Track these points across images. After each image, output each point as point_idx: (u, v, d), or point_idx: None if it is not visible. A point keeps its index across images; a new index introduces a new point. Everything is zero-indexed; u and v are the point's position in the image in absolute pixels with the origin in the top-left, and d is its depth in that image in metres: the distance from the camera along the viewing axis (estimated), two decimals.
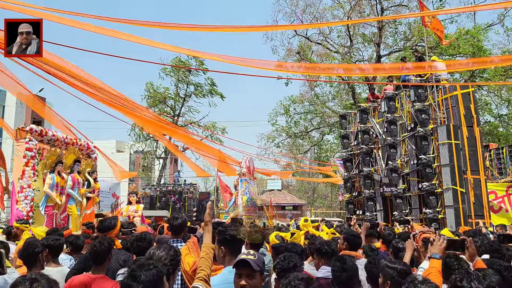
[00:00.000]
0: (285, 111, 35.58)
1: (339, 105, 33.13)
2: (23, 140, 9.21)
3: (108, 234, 4.70)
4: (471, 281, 2.27)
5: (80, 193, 10.85)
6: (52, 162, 10.06)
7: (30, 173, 9.20)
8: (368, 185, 16.23)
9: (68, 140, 10.69)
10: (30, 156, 9.23)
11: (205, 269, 2.70)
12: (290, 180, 57.38)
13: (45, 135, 9.85)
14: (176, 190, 28.03)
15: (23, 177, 9.09)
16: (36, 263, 3.78)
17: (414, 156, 14.06)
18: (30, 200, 9.13)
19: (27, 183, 9.11)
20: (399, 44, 29.83)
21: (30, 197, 9.11)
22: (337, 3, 29.98)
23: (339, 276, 3.16)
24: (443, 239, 3.37)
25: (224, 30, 8.56)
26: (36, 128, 9.58)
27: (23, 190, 9.03)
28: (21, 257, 3.91)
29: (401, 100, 15.09)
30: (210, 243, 2.95)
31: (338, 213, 33.03)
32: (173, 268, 2.69)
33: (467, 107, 13.11)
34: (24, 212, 8.84)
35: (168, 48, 8.79)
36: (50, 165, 10.02)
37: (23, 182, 9.07)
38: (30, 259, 3.78)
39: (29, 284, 2.10)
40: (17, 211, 8.82)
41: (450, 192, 12.37)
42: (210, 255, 2.81)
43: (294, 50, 31.33)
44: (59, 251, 4.33)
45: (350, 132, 18.31)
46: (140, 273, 2.34)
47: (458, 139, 12.77)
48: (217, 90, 35.61)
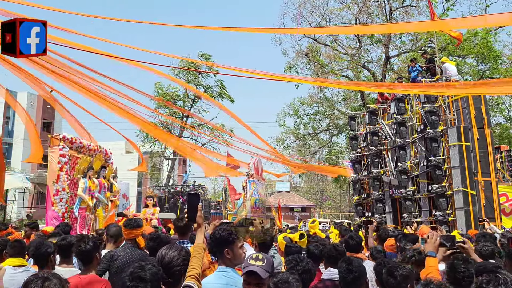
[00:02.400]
0: (294, 112, 35.53)
1: (348, 106, 33.02)
2: (57, 147, 10.09)
3: (134, 231, 4.76)
4: (498, 284, 2.23)
5: (105, 197, 11.77)
6: (84, 168, 11.09)
7: (64, 178, 10.01)
8: (377, 187, 16.13)
9: (91, 147, 11.54)
10: (63, 162, 10.06)
11: (197, 267, 2.72)
12: (298, 181, 57.38)
13: (74, 143, 10.71)
14: (185, 191, 28.13)
15: (58, 181, 9.88)
16: (48, 263, 3.81)
17: (424, 157, 13.95)
18: (65, 202, 9.95)
19: (62, 186, 9.92)
20: (408, 46, 29.64)
21: (65, 200, 9.94)
22: (345, 5, 29.88)
23: (345, 278, 3.15)
24: (436, 236, 3.36)
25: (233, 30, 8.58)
26: (67, 136, 10.45)
27: (59, 193, 9.85)
28: (33, 257, 3.94)
29: (410, 102, 15.00)
30: (202, 243, 2.95)
31: (347, 215, 32.89)
32: (185, 268, 2.72)
33: (477, 108, 12.97)
34: (60, 214, 9.69)
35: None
36: (82, 170, 11.02)
37: (58, 186, 9.86)
38: (42, 259, 3.80)
39: (41, 282, 2.12)
40: (53, 212, 9.68)
41: (460, 195, 12.25)
42: (202, 255, 2.82)
43: (303, 52, 31.29)
44: (70, 251, 4.34)
45: (359, 134, 18.24)
46: (144, 272, 2.36)
47: (469, 141, 12.64)
48: (227, 93, 35.70)
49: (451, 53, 26.48)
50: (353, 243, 4.94)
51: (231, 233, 3.02)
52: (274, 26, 31.86)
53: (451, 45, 25.24)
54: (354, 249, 4.88)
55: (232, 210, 21.47)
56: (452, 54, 26.58)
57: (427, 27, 15.72)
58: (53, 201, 9.79)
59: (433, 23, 13.90)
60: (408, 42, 29.67)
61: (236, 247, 3.01)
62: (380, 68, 29.61)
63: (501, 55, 26.98)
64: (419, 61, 16.69)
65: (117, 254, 4.39)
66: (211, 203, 31.70)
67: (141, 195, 41.42)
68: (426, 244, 3.40)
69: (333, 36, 30.50)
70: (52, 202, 9.78)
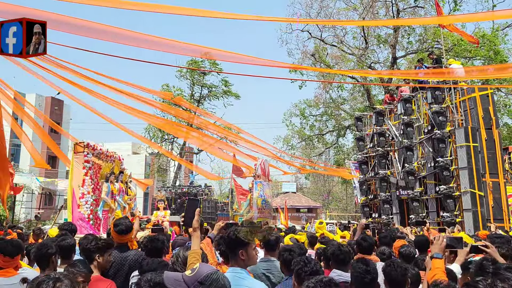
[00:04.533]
0: (300, 113, 35.46)
1: (354, 107, 32.92)
2: (81, 154, 10.93)
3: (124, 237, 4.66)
4: None
5: (123, 200, 12.75)
6: (107, 173, 11.90)
7: (89, 182, 10.78)
8: (384, 188, 16.08)
9: (108, 153, 12.31)
10: (88, 168, 10.85)
11: None
12: (304, 182, 57.27)
13: (95, 149, 11.46)
14: (191, 192, 28.17)
15: (84, 185, 10.63)
16: (49, 265, 3.80)
17: (431, 158, 13.88)
18: (90, 205, 10.66)
19: (87, 190, 10.66)
20: (414, 46, 29.50)
21: (89, 202, 10.66)
22: (351, 5, 29.83)
23: (363, 279, 3.08)
24: (442, 237, 3.33)
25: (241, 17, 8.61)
26: (91, 143, 11.24)
27: (84, 196, 10.58)
28: (34, 258, 3.93)
29: (417, 102, 14.94)
30: (198, 249, 2.93)
31: (353, 216, 32.76)
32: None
33: (485, 109, 12.89)
34: (85, 215, 10.39)
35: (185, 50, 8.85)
36: (105, 175, 11.81)
37: (84, 189, 10.61)
38: (43, 260, 3.79)
39: (52, 283, 2.14)
40: (79, 213, 10.36)
41: (468, 196, 12.18)
42: (199, 261, 2.77)
43: (309, 52, 31.25)
44: (71, 252, 4.31)
45: (366, 135, 18.19)
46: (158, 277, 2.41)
47: (477, 142, 12.57)
48: (231, 90, 35.72)
49: (458, 54, 26.32)
50: (366, 244, 4.87)
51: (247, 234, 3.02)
52: (280, 27, 31.87)
53: (458, 46, 25.10)
54: (367, 250, 4.83)
55: (239, 211, 21.47)
56: (459, 56, 26.42)
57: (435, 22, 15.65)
58: (79, 203, 10.49)
59: (441, 18, 13.91)
60: (415, 43, 29.55)
61: (251, 249, 3.00)
62: (387, 69, 29.49)
63: (508, 59, 26.73)
64: (426, 62, 16.63)
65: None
66: (217, 204, 31.72)
67: (147, 195, 41.56)
68: (432, 246, 3.37)
69: (340, 37, 30.45)
70: (78, 205, 10.48)
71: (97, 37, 7.11)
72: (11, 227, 9.68)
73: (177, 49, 8.01)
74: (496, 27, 27.15)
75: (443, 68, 14.41)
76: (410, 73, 14.31)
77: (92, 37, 6.92)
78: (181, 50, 8.33)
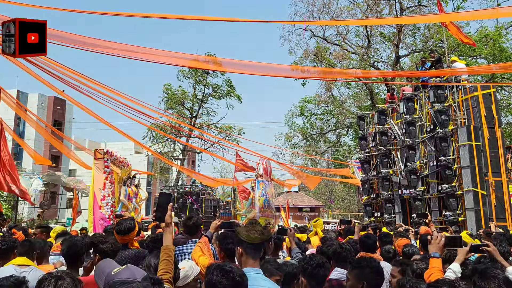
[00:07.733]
0: (301, 112, 35.45)
1: (356, 106, 32.87)
2: (101, 160, 11.92)
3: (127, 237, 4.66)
4: None
5: (136, 202, 13.91)
6: (125, 177, 12.96)
7: (109, 185, 11.75)
8: (386, 187, 16.06)
9: (121, 159, 13.26)
10: (108, 172, 11.83)
11: (169, 271, 2.68)
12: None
13: (112, 155, 12.43)
14: (194, 191, 28.18)
15: (105, 188, 11.54)
16: (78, 263, 3.87)
17: (434, 157, 13.85)
18: (110, 206, 11.58)
19: (107, 192, 11.58)
20: (418, 46, 29.43)
21: (110, 204, 11.57)
22: (354, 3, 29.76)
23: (375, 279, 3.01)
24: (440, 236, 3.30)
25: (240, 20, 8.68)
26: (109, 151, 12.39)
27: (105, 198, 11.47)
28: (64, 256, 4.00)
29: (420, 101, 14.91)
30: (171, 244, 2.86)
31: (355, 215, 32.72)
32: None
33: (488, 108, 12.86)
34: (106, 215, 11.24)
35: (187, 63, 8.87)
36: (123, 179, 12.87)
37: (105, 192, 11.51)
38: (74, 258, 3.87)
39: (54, 281, 2.16)
40: (101, 214, 11.20)
41: (470, 195, 12.15)
42: (172, 257, 2.77)
43: (311, 51, 31.20)
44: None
45: (368, 134, 18.16)
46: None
47: (479, 141, 12.53)
48: (235, 92, 35.75)
49: (463, 53, 26.25)
50: (370, 242, 4.87)
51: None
52: (283, 27, 31.86)
53: (462, 45, 25.01)
54: (370, 248, 4.83)
55: (241, 210, 21.51)
56: (463, 55, 26.36)
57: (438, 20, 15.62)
58: (100, 204, 11.41)
59: (444, 16, 13.89)
60: (418, 42, 29.48)
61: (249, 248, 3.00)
62: (389, 68, 29.45)
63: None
64: (428, 61, 16.58)
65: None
66: (220, 203, 31.71)
67: (150, 195, 41.64)
68: (430, 245, 3.34)
69: (342, 35, 30.40)
70: (100, 206, 11.39)
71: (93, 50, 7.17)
72: (12, 227, 9.68)
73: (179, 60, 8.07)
74: (500, 26, 27.06)
75: (446, 66, 14.39)
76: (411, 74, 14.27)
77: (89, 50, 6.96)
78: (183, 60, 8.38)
